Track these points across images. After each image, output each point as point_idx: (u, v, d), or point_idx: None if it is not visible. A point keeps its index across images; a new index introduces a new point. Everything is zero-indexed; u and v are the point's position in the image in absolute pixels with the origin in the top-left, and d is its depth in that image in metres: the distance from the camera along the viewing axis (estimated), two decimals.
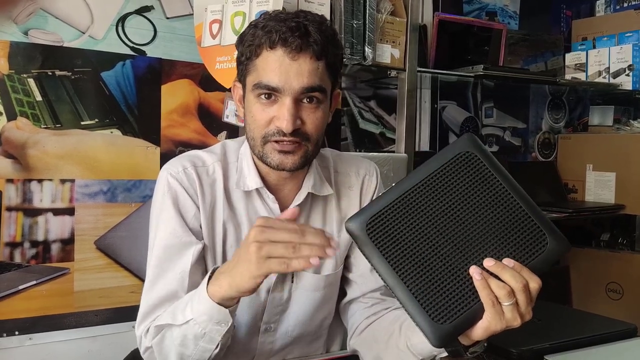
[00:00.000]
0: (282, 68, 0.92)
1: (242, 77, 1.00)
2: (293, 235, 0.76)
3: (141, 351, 0.98)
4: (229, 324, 0.86)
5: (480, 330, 0.74)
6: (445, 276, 0.75)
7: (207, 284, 0.85)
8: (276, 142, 0.95)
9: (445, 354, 0.84)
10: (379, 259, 0.76)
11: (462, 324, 0.74)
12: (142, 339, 0.96)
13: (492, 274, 0.73)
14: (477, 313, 0.74)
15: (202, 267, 1.00)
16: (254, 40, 0.94)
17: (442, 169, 0.78)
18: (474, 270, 0.73)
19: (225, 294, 0.83)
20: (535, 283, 0.73)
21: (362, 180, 1.13)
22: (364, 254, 0.77)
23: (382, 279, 0.77)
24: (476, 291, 0.73)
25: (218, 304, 0.83)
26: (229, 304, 0.85)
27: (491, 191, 0.77)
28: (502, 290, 0.72)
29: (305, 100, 0.95)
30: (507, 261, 0.73)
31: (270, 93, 0.93)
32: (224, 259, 1.02)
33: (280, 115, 0.93)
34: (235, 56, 1.02)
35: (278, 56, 0.92)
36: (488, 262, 0.73)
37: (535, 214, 0.77)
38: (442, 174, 0.78)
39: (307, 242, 0.76)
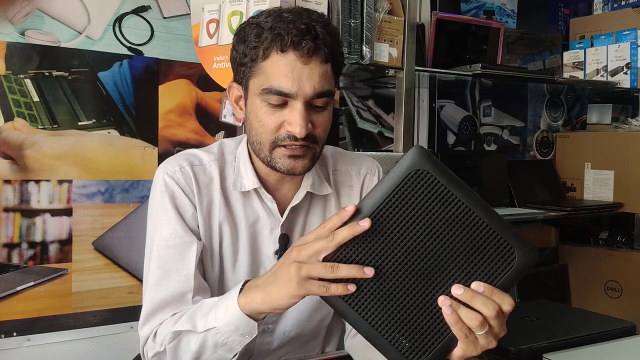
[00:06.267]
0: (294, 73, 0.90)
1: (243, 78, 0.97)
2: (325, 244, 0.73)
3: (147, 354, 0.96)
4: (253, 336, 0.85)
5: (457, 358, 0.73)
6: (413, 310, 0.72)
7: (238, 296, 0.83)
8: (285, 146, 0.93)
9: None
10: (338, 302, 0.74)
11: (437, 356, 0.73)
12: (150, 342, 0.95)
13: (462, 301, 0.71)
14: (452, 342, 0.72)
15: (201, 267, 1.00)
16: (260, 42, 0.91)
17: (394, 195, 0.71)
18: (443, 303, 0.71)
19: (257, 308, 0.82)
20: (508, 306, 0.71)
21: (362, 180, 1.12)
22: (322, 298, 0.75)
23: (345, 320, 0.75)
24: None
25: (247, 316, 0.83)
26: (258, 317, 0.84)
27: (449, 209, 0.71)
28: (475, 321, 0.70)
29: (314, 104, 0.93)
30: (476, 285, 0.71)
31: (281, 98, 0.91)
32: (221, 260, 1.02)
33: (293, 121, 0.91)
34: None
35: (290, 60, 0.90)
36: (457, 290, 0.71)
37: (499, 227, 0.71)
38: (394, 201, 0.71)
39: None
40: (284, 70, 0.90)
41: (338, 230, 0.73)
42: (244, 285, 0.85)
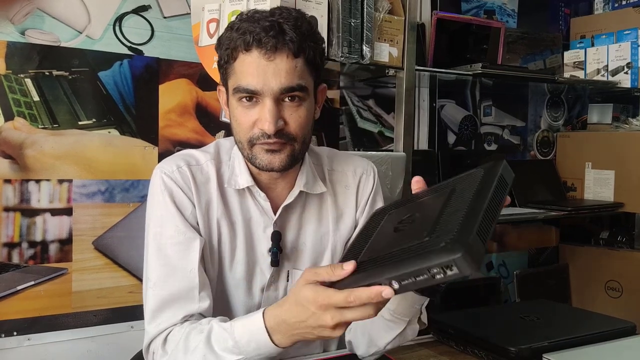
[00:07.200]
0: (259, 70, 0.92)
1: (224, 80, 1.00)
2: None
3: (153, 356, 0.96)
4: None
5: None
6: None
7: (270, 335, 0.83)
8: (263, 143, 0.95)
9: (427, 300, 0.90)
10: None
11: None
12: (159, 349, 0.95)
13: None
14: None
15: (202, 264, 1.00)
16: (230, 43, 0.94)
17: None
18: None
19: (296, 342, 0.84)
20: None
21: (358, 180, 1.13)
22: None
23: None
24: None
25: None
26: None
27: None
28: None
29: (286, 100, 0.94)
30: None
31: (251, 96, 0.94)
32: (220, 257, 1.04)
33: (262, 117, 0.93)
34: None
35: (254, 58, 0.92)
36: None
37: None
38: None
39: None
40: (249, 68, 0.92)
41: (359, 292, 0.72)
42: (264, 317, 0.85)
